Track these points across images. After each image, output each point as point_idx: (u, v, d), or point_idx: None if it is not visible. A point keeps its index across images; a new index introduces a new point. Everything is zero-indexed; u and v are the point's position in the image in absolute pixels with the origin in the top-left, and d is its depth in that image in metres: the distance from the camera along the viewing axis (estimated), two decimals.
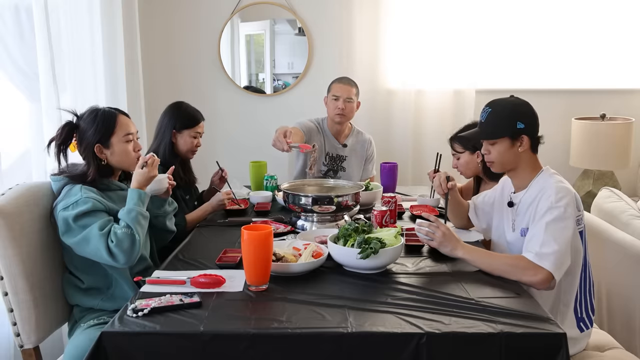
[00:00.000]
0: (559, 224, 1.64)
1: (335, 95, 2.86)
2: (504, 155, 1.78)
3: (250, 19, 3.70)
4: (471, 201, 2.13)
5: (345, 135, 3.03)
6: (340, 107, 2.84)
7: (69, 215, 1.75)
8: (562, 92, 3.71)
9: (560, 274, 1.64)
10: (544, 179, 1.76)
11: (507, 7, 3.64)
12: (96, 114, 1.90)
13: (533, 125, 1.78)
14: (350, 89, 2.87)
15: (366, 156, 3.04)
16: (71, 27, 2.54)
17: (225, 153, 3.69)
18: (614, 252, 2.02)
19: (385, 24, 3.60)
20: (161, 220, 2.08)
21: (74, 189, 1.81)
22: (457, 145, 2.43)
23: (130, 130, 1.93)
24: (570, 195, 1.69)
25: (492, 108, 1.79)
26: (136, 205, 1.80)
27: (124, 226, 1.75)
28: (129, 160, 1.93)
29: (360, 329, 1.35)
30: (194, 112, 2.52)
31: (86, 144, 1.87)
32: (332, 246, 1.75)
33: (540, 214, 1.69)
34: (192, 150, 2.50)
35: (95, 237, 1.72)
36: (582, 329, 1.77)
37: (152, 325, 1.36)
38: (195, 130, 2.49)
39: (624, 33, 3.66)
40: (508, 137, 1.75)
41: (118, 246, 1.71)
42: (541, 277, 1.62)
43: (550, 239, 1.63)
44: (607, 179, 3.48)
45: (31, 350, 1.81)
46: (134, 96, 3.14)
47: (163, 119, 2.49)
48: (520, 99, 1.81)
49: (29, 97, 2.34)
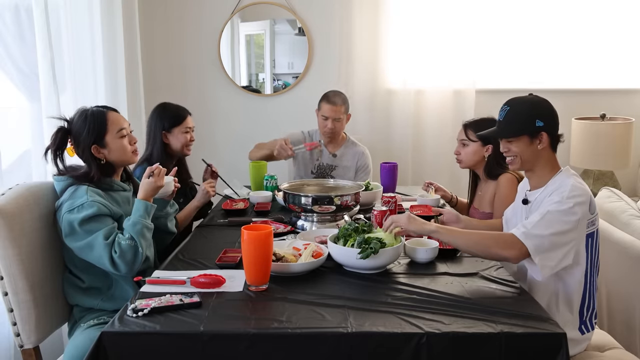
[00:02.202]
0: (559, 217, 1.64)
1: (324, 115, 2.90)
2: (523, 153, 1.77)
3: (250, 19, 3.71)
4: (503, 217, 2.07)
5: (337, 145, 3.05)
6: (330, 127, 2.91)
7: (75, 219, 1.75)
8: (562, 92, 3.71)
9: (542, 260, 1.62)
10: (561, 179, 1.75)
11: (507, 7, 3.64)
12: (85, 115, 1.89)
13: (552, 123, 1.76)
14: (339, 108, 2.89)
15: (356, 167, 3.04)
16: (71, 27, 2.54)
17: (225, 153, 3.69)
18: (614, 252, 2.01)
19: (385, 24, 3.60)
20: (162, 221, 2.08)
21: (80, 190, 1.81)
22: (471, 132, 2.40)
23: (122, 125, 1.93)
24: (585, 196, 1.68)
25: (510, 106, 1.78)
26: (142, 218, 1.81)
27: (128, 238, 1.76)
28: (127, 155, 1.94)
29: (360, 329, 1.35)
30: (179, 109, 2.52)
31: (83, 146, 1.87)
32: (332, 246, 1.75)
33: (548, 202, 1.68)
34: (186, 145, 2.51)
35: (100, 246, 1.74)
36: (583, 331, 1.76)
37: (152, 325, 1.36)
38: (184, 126, 2.49)
39: (624, 33, 3.66)
40: (527, 135, 1.75)
41: (121, 257, 1.74)
42: (517, 253, 1.63)
43: (543, 225, 1.63)
44: (607, 179, 3.48)
45: (31, 350, 1.81)
46: (134, 96, 3.14)
47: (150, 124, 2.50)
48: (539, 97, 1.80)
49: (29, 97, 2.34)
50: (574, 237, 1.66)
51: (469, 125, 2.43)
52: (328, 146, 3.04)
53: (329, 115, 2.88)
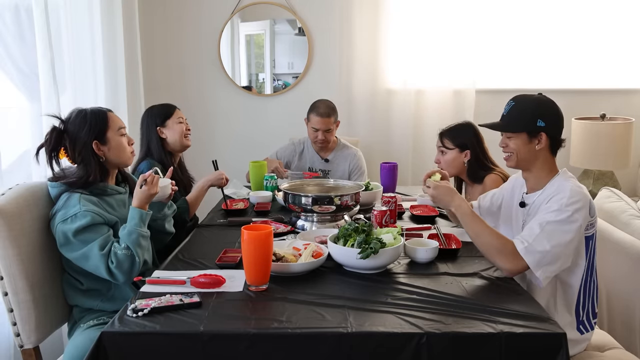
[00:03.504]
0: (560, 226, 1.63)
1: (315, 127, 2.93)
2: (520, 151, 1.76)
3: (250, 19, 3.71)
4: (476, 202, 2.11)
5: (328, 150, 3.06)
6: (321, 139, 2.94)
7: (69, 230, 1.74)
8: (562, 92, 3.70)
9: (544, 272, 1.63)
10: (559, 182, 1.75)
11: (507, 7, 3.64)
12: (85, 113, 1.88)
13: (555, 125, 1.76)
14: (328, 120, 2.91)
15: (350, 170, 3.05)
16: (71, 27, 2.54)
17: (225, 153, 3.69)
18: (614, 252, 2.01)
19: (385, 24, 3.60)
20: (160, 223, 2.08)
21: (73, 200, 1.79)
22: (448, 141, 2.43)
23: (121, 125, 1.94)
24: (584, 200, 1.67)
25: (516, 102, 1.78)
26: (137, 227, 1.79)
27: (124, 247, 1.76)
28: (125, 154, 1.93)
29: (360, 329, 1.34)
30: (166, 105, 2.54)
31: (82, 144, 1.84)
32: (332, 246, 1.75)
33: (546, 210, 1.68)
34: (184, 134, 2.50)
35: (96, 257, 1.74)
36: (581, 331, 1.76)
37: (152, 325, 1.36)
38: (176, 117, 2.50)
39: (624, 33, 3.66)
40: (526, 133, 1.74)
41: (118, 267, 1.74)
42: (518, 268, 1.64)
43: (545, 238, 1.63)
44: (607, 179, 3.48)
45: (31, 350, 1.81)
46: (134, 96, 3.14)
47: (143, 127, 2.51)
48: (546, 98, 1.79)
49: (29, 97, 2.34)
50: (575, 243, 1.66)
51: (444, 133, 2.46)
52: (320, 152, 3.06)
53: (319, 127, 2.91)
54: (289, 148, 3.12)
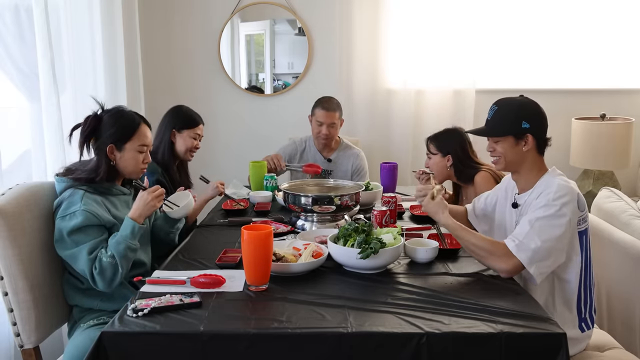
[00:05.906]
0: (549, 221, 1.65)
1: (319, 121, 2.92)
2: (508, 154, 1.78)
3: (250, 19, 3.71)
4: (470, 205, 2.12)
5: (331, 149, 3.05)
6: (324, 133, 2.93)
7: (64, 227, 1.76)
8: (562, 92, 3.71)
9: (538, 268, 1.63)
10: (547, 179, 1.76)
11: (507, 7, 3.64)
12: (120, 115, 1.91)
13: (539, 126, 1.77)
14: (334, 114, 2.91)
15: (352, 170, 3.04)
16: (71, 27, 2.54)
17: (226, 153, 3.69)
18: (614, 252, 2.01)
19: (385, 23, 3.60)
20: (172, 237, 2.11)
21: (76, 197, 1.80)
22: (432, 146, 2.52)
23: (145, 142, 1.94)
24: (571, 194, 1.69)
25: (498, 106, 1.80)
26: (127, 239, 1.77)
27: (110, 256, 1.75)
28: (136, 170, 1.94)
29: (360, 329, 1.35)
30: (195, 115, 2.58)
31: (102, 141, 1.87)
32: (332, 246, 1.75)
33: (535, 207, 1.70)
34: (190, 150, 2.53)
35: (83, 260, 1.75)
36: (583, 329, 1.77)
37: (152, 325, 1.36)
38: (194, 132, 2.53)
39: (624, 33, 3.66)
40: (512, 136, 1.76)
41: (100, 274, 1.74)
42: (513, 267, 1.65)
43: (535, 234, 1.64)
44: (607, 179, 3.48)
45: (31, 350, 1.81)
46: (134, 96, 3.14)
47: (164, 120, 2.55)
48: (529, 99, 1.80)
49: (29, 97, 2.33)
50: (566, 238, 1.67)
51: (430, 139, 2.55)
52: (322, 151, 3.04)
53: (323, 121, 2.90)
54: (290, 146, 3.11)
